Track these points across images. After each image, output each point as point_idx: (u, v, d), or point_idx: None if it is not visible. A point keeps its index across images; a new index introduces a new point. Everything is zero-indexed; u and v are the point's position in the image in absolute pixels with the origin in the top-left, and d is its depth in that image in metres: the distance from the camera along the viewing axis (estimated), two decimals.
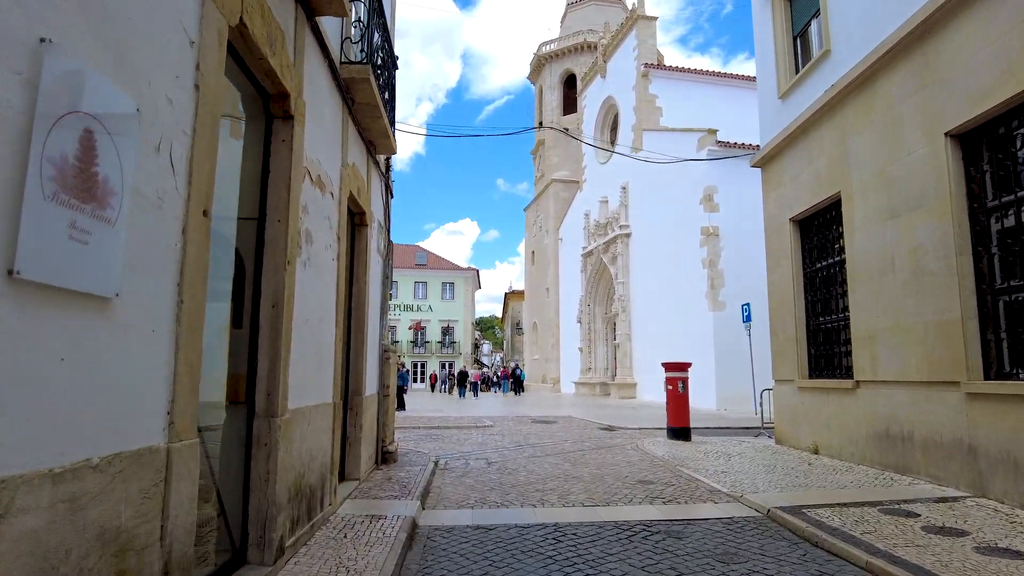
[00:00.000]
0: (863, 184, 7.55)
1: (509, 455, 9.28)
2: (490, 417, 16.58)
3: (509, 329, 68.32)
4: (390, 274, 8.54)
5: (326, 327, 5.07)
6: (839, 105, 8.08)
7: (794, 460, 8.30)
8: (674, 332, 23.05)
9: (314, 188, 4.67)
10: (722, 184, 21.20)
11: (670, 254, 23.56)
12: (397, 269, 51.20)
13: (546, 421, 15.44)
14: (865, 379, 7.53)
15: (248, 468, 3.76)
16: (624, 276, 27.23)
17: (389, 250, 8.55)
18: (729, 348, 20.35)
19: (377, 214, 7.71)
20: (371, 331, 7.24)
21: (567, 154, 39.67)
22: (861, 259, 7.60)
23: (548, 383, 37.95)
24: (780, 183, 9.94)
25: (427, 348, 51.25)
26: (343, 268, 5.67)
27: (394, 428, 8.65)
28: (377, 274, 7.85)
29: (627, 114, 28.34)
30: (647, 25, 27.33)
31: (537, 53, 42.71)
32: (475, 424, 14.30)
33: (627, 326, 26.83)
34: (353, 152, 6.19)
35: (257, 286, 3.91)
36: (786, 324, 9.71)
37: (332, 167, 5.30)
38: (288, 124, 4.09)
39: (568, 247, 36.11)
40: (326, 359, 5.09)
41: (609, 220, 29.31)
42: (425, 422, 14.98)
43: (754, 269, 21.65)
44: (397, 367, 19.95)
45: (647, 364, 25.35)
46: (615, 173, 29.38)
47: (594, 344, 31.13)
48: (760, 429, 12.06)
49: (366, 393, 6.93)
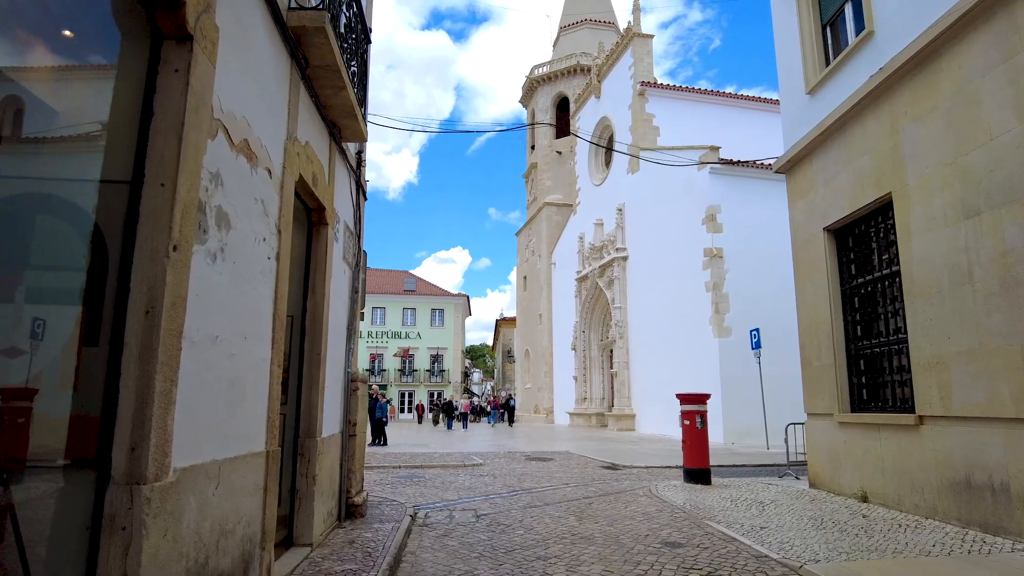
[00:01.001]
0: (924, 180, 6.35)
1: (502, 504, 7.84)
2: (480, 454, 15.08)
3: (500, 357, 66.74)
4: (362, 289, 7.20)
5: (254, 348, 3.72)
6: (888, 92, 6.93)
7: (843, 511, 6.93)
8: (676, 360, 21.73)
9: (235, 154, 3.37)
10: (726, 203, 20.13)
11: (670, 277, 22.37)
12: (385, 295, 49.80)
13: (541, 458, 13.98)
14: (932, 414, 6.23)
15: (92, 567, 2.37)
16: (621, 301, 25.98)
17: (360, 260, 7.22)
18: (736, 377, 19.04)
19: (343, 214, 6.40)
20: (332, 356, 5.88)
21: (560, 177, 38.78)
22: (923, 270, 6.36)
23: (541, 413, 36.36)
24: (810, 189, 8.76)
25: (415, 377, 49.53)
26: (287, 272, 4.33)
27: (363, 474, 7.21)
28: (343, 287, 6.51)
29: (623, 134, 27.43)
30: (643, 43, 26.60)
31: (529, 76, 42.09)
32: (463, 462, 12.82)
33: (625, 353, 25.48)
34: (307, 128, 4.91)
35: (124, 282, 2.57)
36: (821, 349, 8.43)
37: (271, 136, 4.01)
38: (185, 49, 2.80)
39: (561, 271, 34.91)
40: (253, 392, 3.73)
41: (605, 243, 28.17)
42: (407, 460, 13.47)
43: (762, 292, 20.50)
44: (378, 397, 18.45)
45: (646, 394, 23.96)
46: (610, 195, 28.35)
47: (589, 372, 29.72)
48: (786, 469, 10.69)
49: (324, 434, 5.53)
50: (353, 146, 7.01)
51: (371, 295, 49.75)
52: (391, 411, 47.17)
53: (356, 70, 5.66)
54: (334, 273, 5.92)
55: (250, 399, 3.68)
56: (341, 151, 6.15)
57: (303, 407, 5.28)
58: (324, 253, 5.55)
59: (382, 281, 52.82)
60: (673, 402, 21.86)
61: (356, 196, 7.08)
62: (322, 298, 5.48)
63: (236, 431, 3.45)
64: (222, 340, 3.23)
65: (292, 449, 5.24)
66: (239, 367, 3.49)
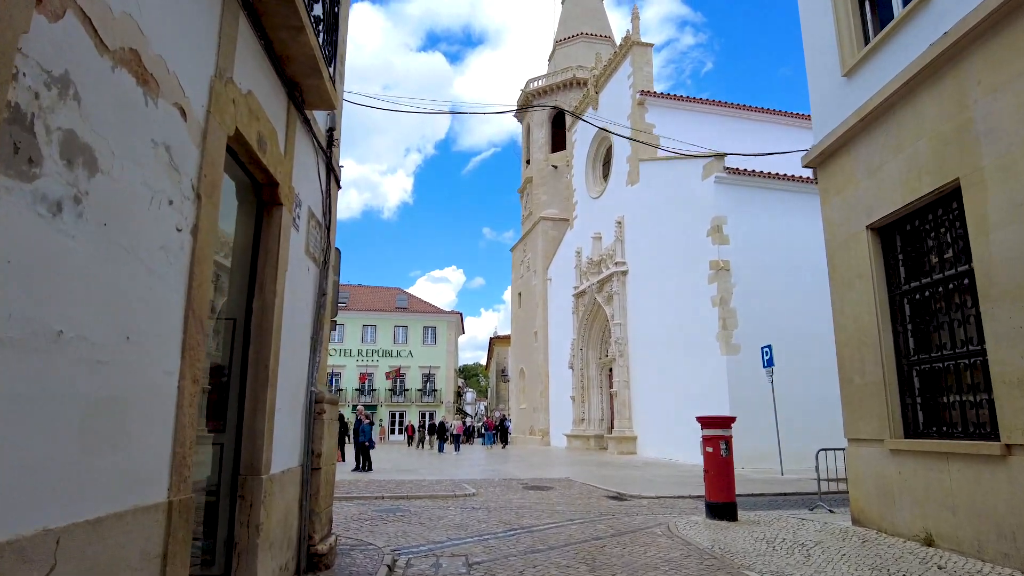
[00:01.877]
0: (1005, 161, 5.31)
1: (498, 548, 6.64)
2: (472, 481, 13.82)
3: (494, 376, 65.36)
4: (332, 292, 6.06)
5: (147, 356, 2.58)
6: (954, 61, 5.92)
7: (908, 559, 5.77)
8: (680, 379, 20.59)
9: (109, 63, 2.26)
10: (732, 214, 19.17)
11: (673, 292, 21.31)
12: (376, 312, 48.54)
13: (540, 487, 12.74)
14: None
15: None
16: (621, 317, 24.87)
17: (331, 258, 6.09)
18: (746, 397, 17.91)
19: (307, 198, 5.29)
20: (289, 372, 4.73)
21: (556, 191, 37.90)
22: (1006, 269, 5.29)
23: (536, 435, 35.01)
24: (849, 182, 7.73)
25: (406, 396, 48.11)
26: (210, 253, 3.20)
27: (330, 515, 6.00)
28: (306, 287, 5.38)
29: (621, 145, 26.56)
30: (642, 52, 25.86)
31: (524, 89, 41.40)
32: (453, 492, 11.57)
33: (625, 372, 24.31)
34: (252, 75, 3.82)
35: None
36: (865, 365, 7.33)
37: (187, 66, 2.91)
38: None
39: (558, 288, 33.83)
40: (144, 419, 2.58)
41: (603, 257, 27.15)
42: (392, 488, 12.21)
43: (772, 307, 19.43)
44: (363, 418, 17.18)
45: (648, 415, 22.76)
46: (609, 207, 27.41)
47: (587, 392, 28.49)
48: (816, 500, 9.52)
49: (274, 470, 4.36)
50: (323, 121, 5.92)
51: (362, 312, 48.56)
52: (380, 432, 45.78)
53: (324, 11, 4.59)
54: (292, 268, 4.79)
55: (138, 429, 2.53)
56: (305, 120, 5.05)
57: (245, 435, 4.11)
58: (277, 241, 4.42)
59: (373, 298, 51.61)
60: (677, 424, 20.76)
61: (327, 181, 5.98)
62: (273, 297, 4.33)
63: (105, 477, 2.29)
64: (76, 341, 2.08)
65: (230, 490, 4.07)
66: (115, 382, 2.34)
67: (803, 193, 20.11)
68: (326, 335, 5.95)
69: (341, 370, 47.61)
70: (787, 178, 20.28)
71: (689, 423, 20.73)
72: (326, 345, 5.77)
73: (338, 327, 48.28)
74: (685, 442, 19.99)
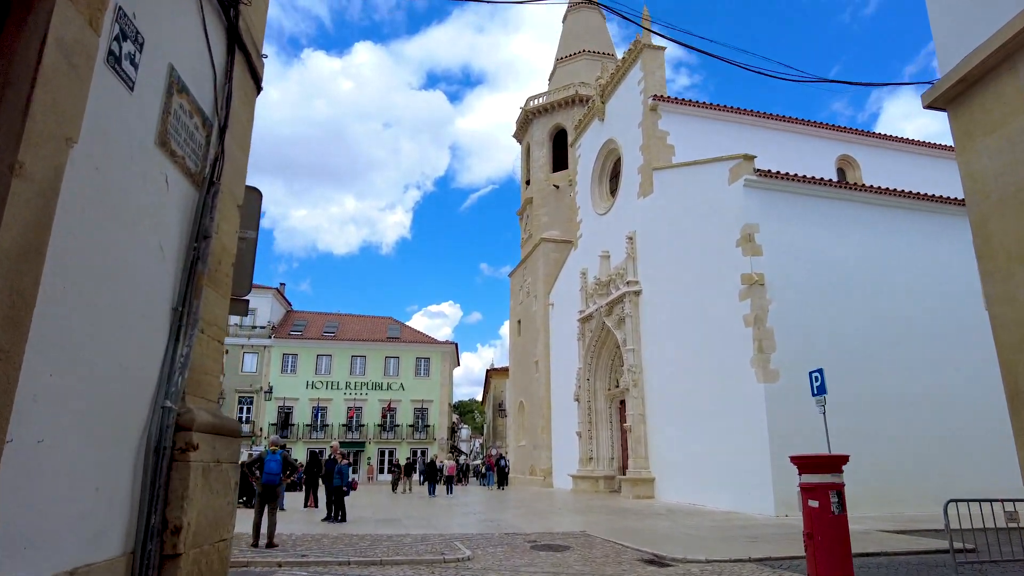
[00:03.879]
0: None
1: None
2: (467, 537, 11.09)
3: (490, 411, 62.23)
4: (239, 247, 3.59)
5: None
6: None
7: None
8: (705, 411, 17.96)
9: None
10: (765, 222, 16.83)
11: (696, 312, 18.84)
12: (366, 342, 45.84)
13: (553, 546, 10.02)
14: None
15: None
16: (634, 342, 22.31)
17: (235, 187, 3.63)
18: (788, 431, 15.29)
19: (173, 54, 2.86)
20: (80, 361, 2.22)
21: (558, 213, 35.73)
22: None
23: (538, 475, 32.00)
24: (1013, 114, 5.36)
25: (397, 432, 44.96)
26: None
27: None
28: (158, 213, 2.91)
29: (632, 155, 24.44)
30: (654, 55, 23.92)
31: (524, 108, 39.59)
32: (442, 554, 8.88)
33: (640, 404, 21.63)
34: None
35: None
36: None
37: None
38: None
39: (561, 313, 31.32)
40: None
41: (612, 276, 24.73)
42: (365, 547, 9.51)
43: (815, 327, 16.90)
44: (337, 458, 14.45)
45: (668, 453, 20.03)
46: (618, 223, 25.12)
47: (596, 427, 25.71)
48: (953, 566, 6.88)
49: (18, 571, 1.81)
50: None
51: (351, 342, 45.85)
52: (369, 472, 42.51)
53: None
54: (107, 149, 2.33)
55: None
56: None
57: None
58: (33, 67, 1.97)
59: (363, 327, 48.94)
60: (704, 464, 17.99)
61: (226, 57, 3.56)
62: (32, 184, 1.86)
63: None
64: None
65: None
66: None
67: (845, 201, 17.88)
68: (215, 314, 3.45)
69: (328, 404, 44.60)
70: (826, 183, 18.06)
71: (718, 463, 18.09)
72: (195, 326, 3.21)
73: (325, 358, 45.52)
74: (713, 485, 17.27)
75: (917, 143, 26.88)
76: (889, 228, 17.98)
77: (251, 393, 44.26)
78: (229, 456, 3.50)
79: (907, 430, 15.91)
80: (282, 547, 9.54)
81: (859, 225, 17.68)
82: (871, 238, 17.66)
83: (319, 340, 46.07)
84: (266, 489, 9.81)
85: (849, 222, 17.66)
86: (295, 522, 13.47)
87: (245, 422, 43.95)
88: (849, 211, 17.82)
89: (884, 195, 18.22)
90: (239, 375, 44.54)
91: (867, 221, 17.83)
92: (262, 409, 43.85)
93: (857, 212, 17.87)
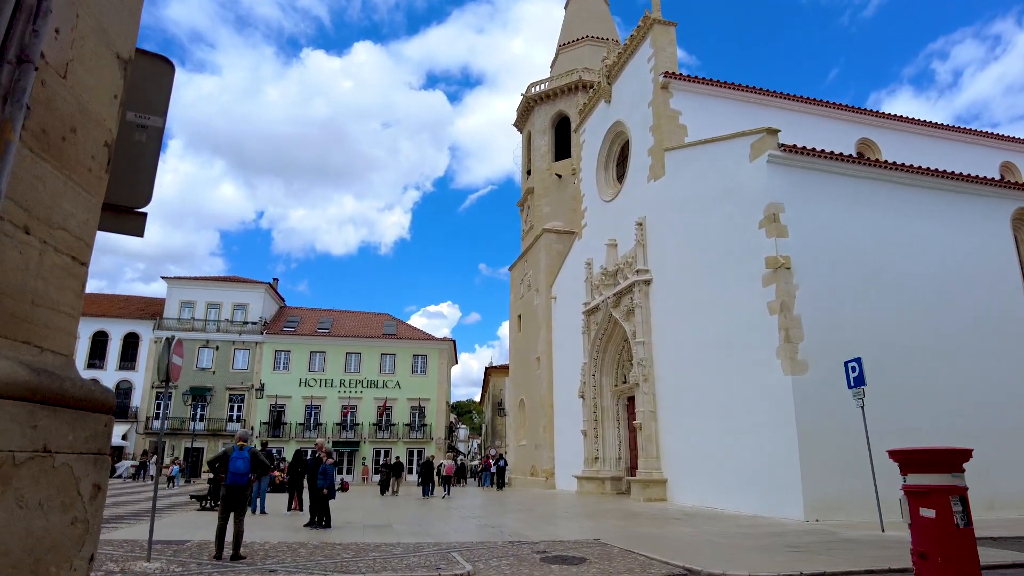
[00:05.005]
0: None
1: None
2: (466, 546, 9.69)
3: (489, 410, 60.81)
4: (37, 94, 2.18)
5: None
6: None
7: None
8: (725, 407, 16.58)
9: None
10: (791, 201, 15.47)
11: (714, 300, 17.46)
12: (361, 339, 44.42)
13: (566, 558, 8.62)
14: None
15: None
16: (644, 334, 20.93)
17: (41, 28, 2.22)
18: (819, 428, 13.95)
19: None
20: None
21: (560, 203, 34.35)
22: None
23: (539, 476, 30.58)
24: None
25: (392, 432, 43.53)
26: None
27: None
28: None
29: (641, 137, 23.07)
30: (665, 31, 22.57)
31: (525, 95, 38.16)
32: (437, 569, 7.49)
33: (651, 400, 20.25)
34: None
35: None
36: None
37: None
38: None
39: (564, 306, 29.94)
40: None
41: (620, 265, 23.35)
42: (348, 560, 8.11)
43: (846, 314, 15.50)
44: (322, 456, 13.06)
45: (681, 453, 18.66)
46: (626, 210, 23.75)
47: (601, 426, 24.31)
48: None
49: None
50: None
51: (346, 339, 44.46)
52: (363, 472, 41.04)
53: None
54: None
55: None
56: None
57: None
58: None
59: (359, 324, 47.54)
60: (722, 464, 16.51)
61: None
62: None
63: None
64: None
65: None
66: None
67: (874, 180, 16.53)
68: (64, 211, 2.04)
69: (321, 402, 43.18)
70: (856, 160, 16.71)
71: (739, 463, 16.49)
72: (70, 239, 1.81)
73: (319, 355, 44.10)
74: (733, 487, 15.89)
75: (941, 126, 25.57)
76: (920, 209, 16.67)
77: (242, 391, 42.85)
78: (78, 444, 2.09)
79: (949, 424, 14.52)
80: (249, 559, 8.14)
81: (890, 206, 16.35)
82: (903, 220, 16.34)
83: (313, 336, 44.67)
84: (231, 492, 8.40)
85: (879, 202, 16.32)
86: (274, 528, 12.06)
87: (236, 420, 42.53)
88: (880, 191, 16.48)
89: (917, 174, 16.88)
90: (230, 372, 43.15)
91: (898, 201, 16.51)
92: (253, 407, 42.43)
93: (889, 192, 16.53)
